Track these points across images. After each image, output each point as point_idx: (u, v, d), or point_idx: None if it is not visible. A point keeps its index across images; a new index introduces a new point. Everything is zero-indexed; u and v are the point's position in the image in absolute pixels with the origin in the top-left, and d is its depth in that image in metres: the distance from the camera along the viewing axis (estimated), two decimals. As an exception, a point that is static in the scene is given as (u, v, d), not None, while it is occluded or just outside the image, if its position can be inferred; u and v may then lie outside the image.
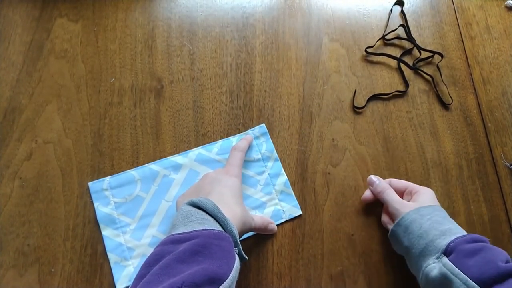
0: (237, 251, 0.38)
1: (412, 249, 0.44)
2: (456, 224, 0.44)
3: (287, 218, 0.53)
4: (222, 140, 0.55)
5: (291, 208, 0.53)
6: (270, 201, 0.54)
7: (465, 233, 0.42)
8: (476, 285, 0.36)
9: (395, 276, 0.52)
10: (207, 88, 0.58)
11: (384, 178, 0.56)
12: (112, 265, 0.48)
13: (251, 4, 0.64)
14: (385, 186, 0.51)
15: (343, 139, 0.58)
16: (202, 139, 0.56)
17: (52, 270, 0.48)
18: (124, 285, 0.48)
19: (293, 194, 0.54)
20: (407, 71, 0.62)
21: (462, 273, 0.37)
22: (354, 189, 0.55)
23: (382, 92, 0.60)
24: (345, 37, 0.63)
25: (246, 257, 0.39)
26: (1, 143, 0.53)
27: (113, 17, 0.61)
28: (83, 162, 0.53)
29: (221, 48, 0.61)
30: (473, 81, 0.63)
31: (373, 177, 0.53)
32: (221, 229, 0.37)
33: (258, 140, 0.56)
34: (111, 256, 0.49)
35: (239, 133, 0.56)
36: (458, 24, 0.66)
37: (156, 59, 0.59)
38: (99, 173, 0.53)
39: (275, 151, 0.56)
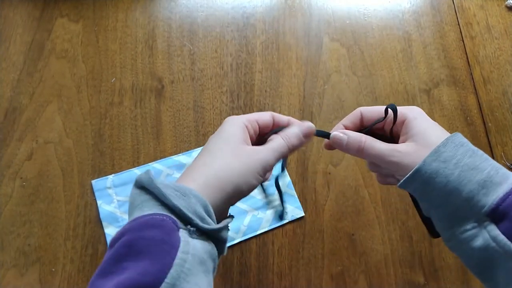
0: (190, 230, 0.27)
1: (438, 209, 0.31)
2: (494, 163, 0.30)
3: (290, 220, 0.53)
4: None
5: (294, 210, 0.53)
6: (273, 202, 0.54)
7: (509, 176, 0.29)
8: None
9: (396, 276, 0.52)
10: (208, 88, 0.58)
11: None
12: None
13: (251, 4, 0.64)
14: (359, 139, 0.35)
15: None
16: (203, 139, 0.56)
17: (53, 269, 0.48)
18: None
19: (296, 196, 0.54)
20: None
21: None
22: (354, 189, 0.55)
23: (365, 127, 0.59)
24: (346, 37, 0.63)
25: (223, 234, 0.30)
26: (2, 143, 0.53)
27: (114, 17, 0.61)
28: (83, 162, 0.53)
29: (221, 48, 0.61)
30: (473, 81, 0.63)
31: (337, 134, 0.37)
32: (161, 210, 0.28)
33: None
34: None
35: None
36: (459, 24, 0.66)
37: (156, 59, 0.59)
38: (100, 173, 0.53)
39: None
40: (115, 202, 0.51)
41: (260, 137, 0.37)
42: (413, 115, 0.35)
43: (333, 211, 0.54)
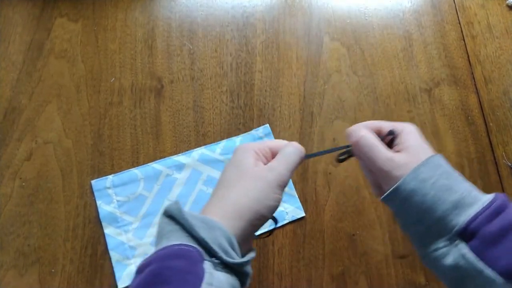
0: (215, 262, 0.28)
1: (414, 227, 0.33)
2: (468, 184, 0.32)
3: (290, 220, 0.53)
4: (225, 140, 0.55)
5: (294, 210, 0.53)
6: None
7: (481, 197, 0.31)
8: (510, 283, 0.27)
9: (396, 276, 0.52)
10: (208, 88, 0.58)
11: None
12: (114, 264, 0.48)
13: (251, 3, 0.64)
14: (361, 129, 0.36)
15: (344, 139, 0.57)
16: (203, 139, 0.55)
17: (53, 270, 0.48)
18: (126, 284, 0.48)
19: (297, 196, 0.54)
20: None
21: (489, 268, 0.28)
22: (355, 189, 0.55)
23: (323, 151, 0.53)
24: (346, 36, 0.63)
25: (247, 269, 0.30)
26: (1, 143, 0.53)
27: (113, 17, 0.61)
28: (83, 162, 0.53)
29: (221, 48, 0.60)
30: (474, 81, 0.62)
31: (356, 130, 0.37)
32: (188, 241, 0.29)
33: (261, 140, 0.56)
34: (113, 255, 0.49)
35: (240, 133, 0.56)
36: (460, 23, 0.66)
37: (156, 59, 0.59)
38: (99, 173, 0.52)
39: None
40: (114, 202, 0.51)
41: None
42: (409, 129, 0.36)
43: (334, 211, 0.54)
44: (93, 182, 0.51)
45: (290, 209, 0.53)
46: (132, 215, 0.51)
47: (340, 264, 0.52)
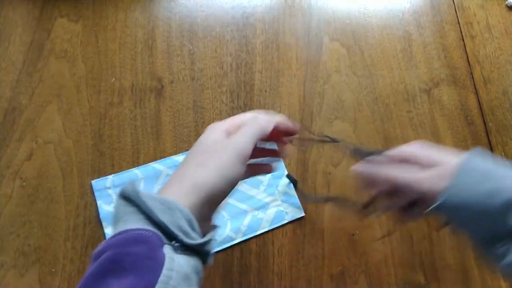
0: (175, 246, 0.27)
1: (471, 234, 0.33)
2: (508, 175, 0.31)
3: (290, 220, 0.53)
4: None
5: (294, 210, 0.53)
6: (273, 202, 0.54)
7: None
8: None
9: (396, 276, 0.52)
10: (208, 88, 0.58)
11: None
12: None
13: (251, 4, 0.64)
14: (378, 169, 0.37)
15: (344, 138, 0.57)
16: (203, 139, 0.56)
17: (53, 270, 0.48)
18: None
19: (296, 196, 0.54)
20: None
21: None
22: (355, 189, 0.55)
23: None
24: (346, 36, 0.63)
25: (208, 248, 0.29)
26: (2, 143, 0.53)
27: (113, 17, 0.61)
28: (83, 162, 0.53)
29: (221, 48, 0.61)
30: (474, 81, 0.63)
31: (360, 167, 0.38)
32: (147, 224, 0.28)
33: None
34: None
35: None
36: (459, 23, 0.66)
37: (156, 59, 0.59)
38: (100, 173, 0.53)
39: None
40: (114, 202, 0.51)
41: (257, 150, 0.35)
42: (420, 146, 0.36)
43: (333, 211, 0.54)
44: (93, 182, 0.52)
45: (290, 209, 0.53)
46: None
47: (340, 264, 0.52)
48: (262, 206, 0.53)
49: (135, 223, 0.27)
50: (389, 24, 0.65)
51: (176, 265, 0.26)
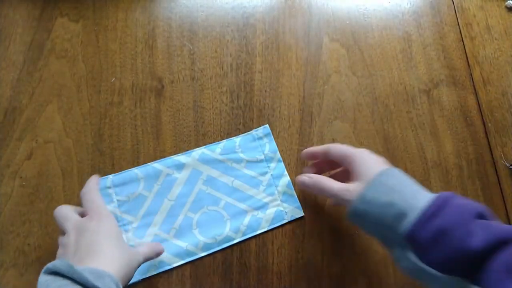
0: None
1: (377, 239, 0.40)
2: (408, 194, 0.37)
3: (289, 220, 0.53)
4: (225, 140, 0.56)
5: (294, 210, 0.53)
6: (273, 202, 0.54)
7: (417, 206, 0.35)
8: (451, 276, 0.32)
9: (395, 276, 0.52)
10: (208, 88, 0.58)
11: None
12: None
13: (251, 4, 0.64)
14: (315, 180, 0.46)
15: (343, 139, 0.58)
16: (203, 138, 0.56)
17: (53, 269, 0.48)
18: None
19: (296, 196, 0.54)
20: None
21: (431, 268, 0.33)
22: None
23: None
24: (346, 37, 0.63)
25: None
26: (2, 142, 0.53)
27: (114, 17, 0.61)
28: (83, 161, 0.53)
29: (221, 48, 0.61)
30: (473, 82, 0.63)
31: (301, 178, 0.48)
32: None
33: (262, 140, 0.56)
34: None
35: (240, 133, 0.56)
36: (459, 24, 0.66)
37: (156, 59, 0.59)
38: (100, 173, 0.53)
39: (278, 152, 0.56)
40: (115, 201, 0.51)
41: None
42: (358, 159, 0.43)
43: (333, 211, 0.54)
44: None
45: (289, 209, 0.53)
46: (132, 215, 0.51)
47: (339, 263, 0.52)
48: (262, 206, 0.53)
49: None
50: (388, 25, 0.65)
51: None
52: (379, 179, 0.39)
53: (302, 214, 0.53)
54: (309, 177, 0.46)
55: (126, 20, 0.61)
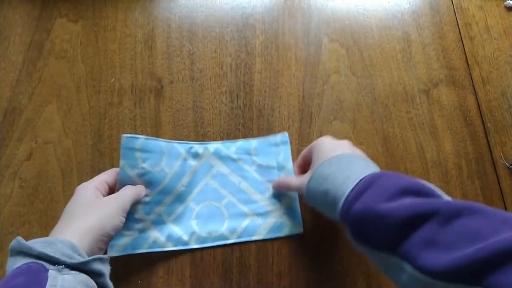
0: (60, 268, 0.32)
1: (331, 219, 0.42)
2: (339, 176, 0.39)
3: (287, 234, 0.52)
4: (241, 140, 0.56)
5: (294, 225, 0.52)
6: (275, 212, 0.53)
7: (348, 186, 0.37)
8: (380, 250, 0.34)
9: (395, 276, 0.52)
10: (207, 88, 0.58)
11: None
12: None
13: (251, 5, 0.64)
14: (279, 181, 0.52)
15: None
16: (202, 139, 0.56)
17: (52, 270, 0.48)
18: (115, 254, 0.46)
19: (299, 211, 0.53)
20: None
21: (362, 246, 0.36)
22: (354, 189, 0.55)
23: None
24: (345, 37, 0.63)
25: (94, 266, 0.35)
26: (1, 143, 0.53)
27: (113, 17, 0.61)
28: (83, 162, 0.53)
29: (221, 48, 0.61)
30: (472, 81, 0.63)
31: (275, 182, 0.53)
32: (29, 260, 0.33)
33: (277, 147, 0.55)
34: None
35: (240, 133, 0.56)
36: (458, 24, 0.66)
37: (156, 59, 0.59)
38: (99, 173, 0.52)
39: (291, 162, 0.54)
40: (139, 168, 0.46)
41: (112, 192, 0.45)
42: (317, 145, 0.46)
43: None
44: (124, 136, 0.46)
45: (290, 223, 0.53)
46: (149, 188, 0.48)
47: (339, 263, 0.52)
48: (263, 213, 0.53)
49: (18, 263, 0.32)
50: (388, 25, 0.65)
51: (60, 281, 0.31)
52: (319, 169, 0.41)
53: (301, 230, 0.52)
54: (277, 180, 0.52)
55: (125, 21, 0.61)
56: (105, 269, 0.36)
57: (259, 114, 0.58)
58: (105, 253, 0.43)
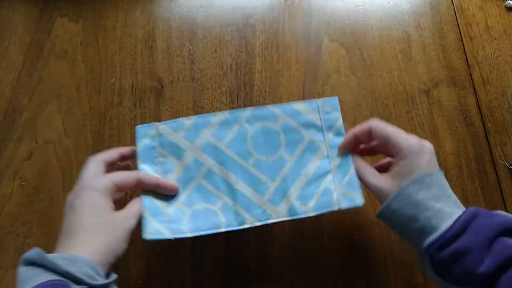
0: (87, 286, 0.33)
1: (401, 236, 0.41)
2: (432, 210, 0.37)
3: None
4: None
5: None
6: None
7: (440, 225, 0.36)
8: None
9: (394, 276, 0.52)
10: (207, 88, 0.58)
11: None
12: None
13: (251, 5, 0.64)
14: (356, 164, 0.44)
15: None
16: (202, 139, 0.56)
17: (52, 270, 0.48)
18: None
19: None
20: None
21: (444, 282, 0.36)
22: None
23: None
24: (345, 37, 0.63)
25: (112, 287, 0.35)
26: (2, 143, 0.53)
27: (114, 17, 0.61)
28: (83, 161, 0.53)
29: (221, 48, 0.61)
30: (472, 82, 0.63)
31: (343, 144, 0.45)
32: (54, 277, 0.32)
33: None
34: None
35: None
36: (458, 25, 0.66)
37: (156, 59, 0.59)
38: (99, 173, 0.53)
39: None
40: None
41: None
42: (406, 151, 0.40)
43: (333, 211, 0.54)
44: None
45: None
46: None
47: (339, 263, 0.52)
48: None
49: (44, 278, 0.32)
50: (388, 25, 0.65)
51: None
52: (408, 190, 0.38)
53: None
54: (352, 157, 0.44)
55: (125, 21, 0.61)
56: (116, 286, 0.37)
57: (259, 114, 0.58)
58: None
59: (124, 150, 0.46)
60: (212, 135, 0.45)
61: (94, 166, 0.42)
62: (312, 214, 0.44)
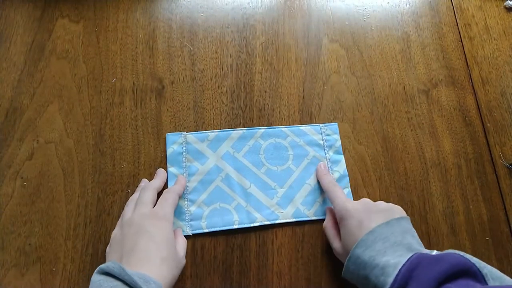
0: None
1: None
2: (378, 268, 0.39)
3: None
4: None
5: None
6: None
7: (387, 277, 0.38)
8: None
9: (394, 275, 0.52)
10: (208, 89, 0.59)
11: (383, 178, 0.56)
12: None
13: (251, 5, 0.64)
14: (325, 230, 0.50)
15: (342, 139, 0.58)
16: (203, 139, 0.56)
17: (54, 269, 0.49)
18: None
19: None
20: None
21: None
22: (354, 188, 0.55)
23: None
24: (345, 37, 0.64)
25: None
26: (3, 143, 0.53)
27: (114, 18, 0.61)
28: (84, 162, 0.54)
29: (221, 49, 0.61)
30: (472, 82, 0.63)
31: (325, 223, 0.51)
32: None
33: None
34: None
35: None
36: (457, 25, 0.66)
37: (157, 60, 0.59)
38: (100, 173, 0.53)
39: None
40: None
41: None
42: (346, 222, 0.45)
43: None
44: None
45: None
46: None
47: (339, 263, 0.52)
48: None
49: None
50: (388, 25, 0.65)
51: None
52: (356, 252, 0.42)
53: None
54: (325, 225, 0.51)
55: (126, 21, 0.61)
56: None
57: (259, 114, 0.58)
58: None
59: (164, 176, 0.53)
60: (231, 147, 0.55)
61: (174, 198, 0.48)
62: (314, 218, 0.53)
